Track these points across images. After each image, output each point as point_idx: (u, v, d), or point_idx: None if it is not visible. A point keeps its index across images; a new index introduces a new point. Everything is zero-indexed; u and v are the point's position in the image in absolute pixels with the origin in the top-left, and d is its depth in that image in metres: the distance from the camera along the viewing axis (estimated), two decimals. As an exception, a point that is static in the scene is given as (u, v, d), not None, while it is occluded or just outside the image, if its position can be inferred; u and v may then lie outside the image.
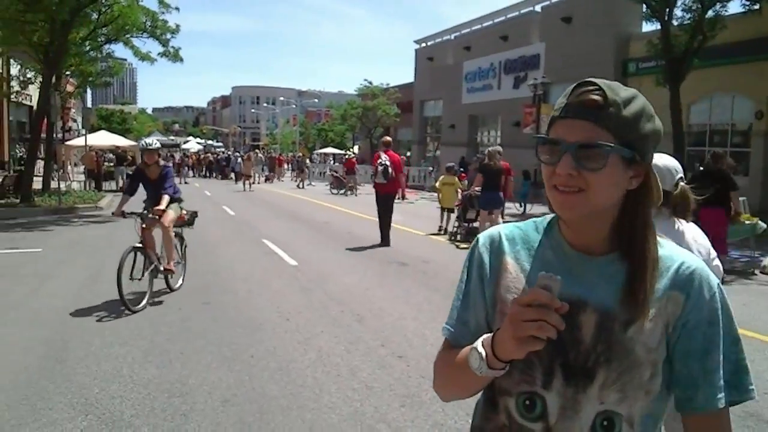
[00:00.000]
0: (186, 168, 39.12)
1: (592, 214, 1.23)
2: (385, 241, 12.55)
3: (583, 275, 1.25)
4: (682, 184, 2.97)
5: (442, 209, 15.42)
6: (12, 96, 26.23)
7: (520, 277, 1.32)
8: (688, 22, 17.86)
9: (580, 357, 1.22)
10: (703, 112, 23.33)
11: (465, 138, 37.56)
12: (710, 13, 17.65)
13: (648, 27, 22.81)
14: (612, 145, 1.19)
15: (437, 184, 15.85)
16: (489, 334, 1.23)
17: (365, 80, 49.74)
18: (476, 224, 13.55)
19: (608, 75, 24.23)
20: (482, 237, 1.42)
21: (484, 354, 1.21)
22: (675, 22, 18.27)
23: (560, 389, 1.23)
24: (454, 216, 14.77)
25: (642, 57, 23.85)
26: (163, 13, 21.51)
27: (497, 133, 36.00)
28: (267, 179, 39.71)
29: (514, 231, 1.40)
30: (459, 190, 14.88)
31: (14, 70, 25.42)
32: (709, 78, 20.94)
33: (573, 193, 1.20)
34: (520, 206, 21.91)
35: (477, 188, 12.86)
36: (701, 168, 10.13)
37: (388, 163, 12.38)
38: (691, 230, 3.00)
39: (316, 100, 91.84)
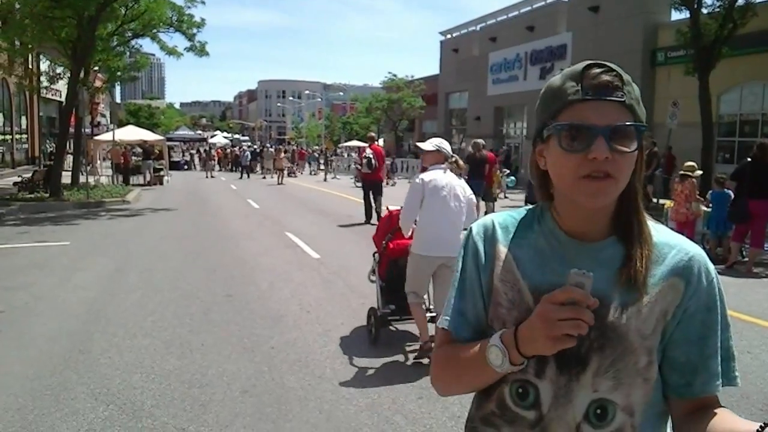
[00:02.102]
0: (212, 162, 39.27)
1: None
2: (368, 218, 14.77)
3: (577, 262, 1.22)
4: (455, 156, 5.57)
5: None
6: (42, 91, 26.68)
7: (512, 266, 1.30)
8: (718, 9, 17.47)
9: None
10: (733, 102, 22.85)
11: (491, 130, 37.26)
12: (740, 1, 17.27)
13: (677, 15, 22.35)
14: (644, 124, 1.19)
15: None
16: (508, 330, 1.21)
17: (390, 73, 49.74)
18: None
19: (636, 64, 23.94)
20: (476, 226, 1.40)
21: (506, 351, 1.18)
22: (704, 10, 17.89)
23: (553, 377, 1.22)
24: (493, 204, 16.06)
25: (671, 46, 23.38)
26: (188, 7, 21.73)
27: (523, 125, 35.69)
28: (290, 173, 39.83)
29: (508, 219, 1.37)
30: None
31: (44, 65, 25.87)
32: (740, 67, 20.49)
33: (604, 180, 1.16)
34: None
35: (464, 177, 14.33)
36: (749, 159, 9.89)
37: (371, 155, 14.40)
38: (460, 180, 5.44)
39: (342, 93, 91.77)
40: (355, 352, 5.69)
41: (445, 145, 5.46)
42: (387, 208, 6.06)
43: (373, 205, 14.88)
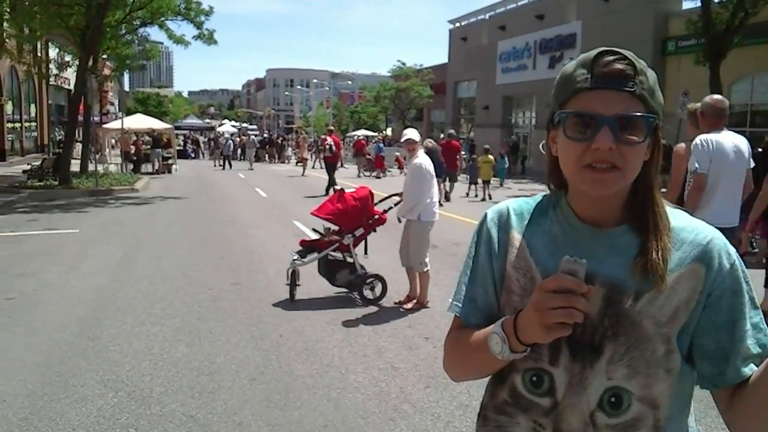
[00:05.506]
0: (219, 150, 39.16)
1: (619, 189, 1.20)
2: (328, 190, 18.48)
3: (592, 248, 1.21)
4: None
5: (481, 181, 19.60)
6: (51, 79, 26.71)
7: (525, 253, 1.29)
8: (730, -2, 17.32)
9: (587, 332, 1.18)
10: (744, 92, 22.68)
11: (499, 120, 37.14)
12: (752, -11, 17.07)
13: (688, 4, 22.27)
14: (654, 115, 1.17)
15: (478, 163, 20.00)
16: (509, 317, 1.20)
17: (398, 61, 49.27)
18: None
19: (647, 54, 23.73)
20: (490, 212, 1.38)
21: (506, 338, 1.18)
22: (716, -1, 17.74)
23: (567, 365, 1.20)
24: (488, 186, 19.64)
25: (681, 35, 23.20)
26: (197, -6, 21.66)
27: (532, 115, 35.53)
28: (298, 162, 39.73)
29: (523, 206, 1.36)
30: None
31: (52, 53, 25.90)
32: (751, 57, 20.31)
33: (608, 170, 1.14)
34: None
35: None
36: (760, 150, 9.78)
37: (332, 143, 20.42)
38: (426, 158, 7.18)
39: (350, 82, 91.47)
40: (363, 340, 5.70)
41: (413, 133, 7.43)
42: (333, 189, 7.93)
43: (334, 182, 19.15)
